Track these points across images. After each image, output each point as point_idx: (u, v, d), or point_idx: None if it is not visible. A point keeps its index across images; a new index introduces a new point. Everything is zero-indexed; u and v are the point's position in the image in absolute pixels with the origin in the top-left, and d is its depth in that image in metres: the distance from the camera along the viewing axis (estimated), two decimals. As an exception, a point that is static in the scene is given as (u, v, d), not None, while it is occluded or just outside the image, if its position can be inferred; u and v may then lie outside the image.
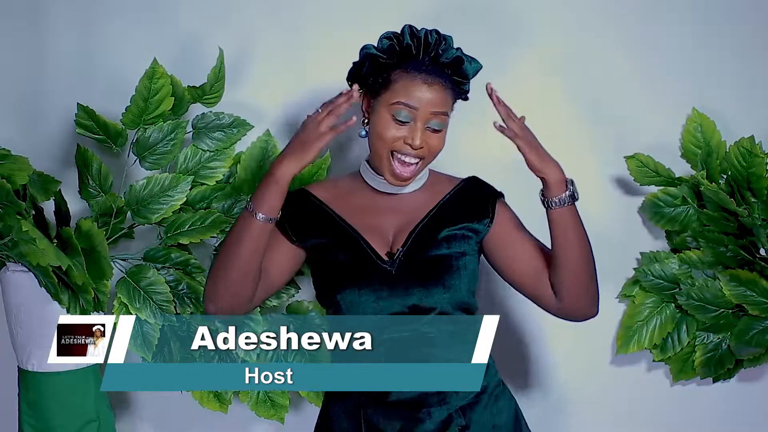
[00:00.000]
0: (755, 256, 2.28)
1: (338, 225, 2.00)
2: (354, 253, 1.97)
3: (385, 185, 2.01)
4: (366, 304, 1.96)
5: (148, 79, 2.24)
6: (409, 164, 1.95)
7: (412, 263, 1.96)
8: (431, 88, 1.93)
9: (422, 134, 1.93)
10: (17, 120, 2.44)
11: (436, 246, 1.97)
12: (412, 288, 1.95)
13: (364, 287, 1.96)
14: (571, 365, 2.44)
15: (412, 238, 1.98)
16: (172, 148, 2.30)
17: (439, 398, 1.96)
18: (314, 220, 2.02)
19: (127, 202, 2.28)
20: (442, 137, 1.96)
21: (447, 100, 1.95)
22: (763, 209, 2.27)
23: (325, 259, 2.00)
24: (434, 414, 1.96)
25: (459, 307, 1.98)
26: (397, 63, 1.95)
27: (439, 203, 2.02)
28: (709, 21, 2.39)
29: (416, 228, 1.99)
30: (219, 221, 2.29)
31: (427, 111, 1.92)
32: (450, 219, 2.00)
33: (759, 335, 2.29)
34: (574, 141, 2.40)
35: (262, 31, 2.41)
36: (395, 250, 1.98)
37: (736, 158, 2.28)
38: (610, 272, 2.41)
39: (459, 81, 1.97)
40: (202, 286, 2.28)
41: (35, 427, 2.23)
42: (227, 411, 2.37)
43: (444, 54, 1.95)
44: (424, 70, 1.94)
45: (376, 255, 1.97)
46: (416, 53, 1.94)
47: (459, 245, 1.99)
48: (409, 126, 1.93)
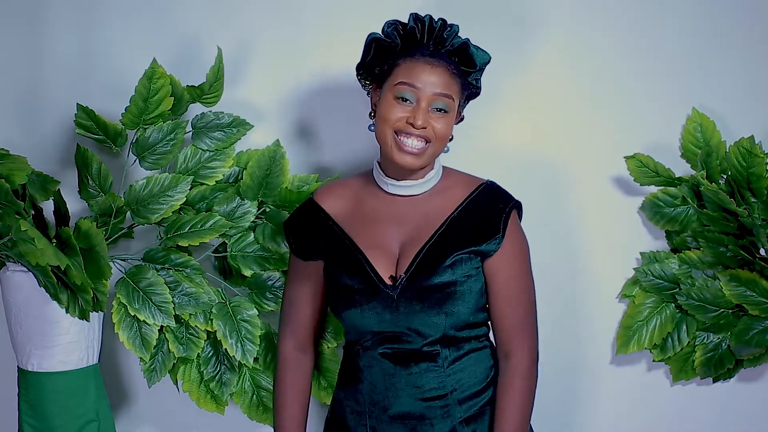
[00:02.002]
0: (755, 256, 2.28)
1: (343, 245, 2.01)
2: (358, 276, 1.98)
3: (395, 187, 2.00)
4: (369, 323, 1.97)
5: (147, 79, 2.24)
6: (418, 145, 1.93)
7: (415, 289, 1.95)
8: (435, 69, 1.93)
9: (425, 115, 1.92)
10: (17, 120, 2.45)
11: (440, 273, 1.95)
12: (411, 315, 1.95)
13: (366, 309, 1.97)
14: (571, 365, 2.44)
15: (416, 264, 1.96)
16: (171, 148, 2.30)
17: (442, 411, 1.96)
18: (320, 237, 2.04)
19: (127, 202, 2.28)
20: (447, 121, 1.94)
21: (452, 83, 1.94)
22: (763, 209, 2.27)
23: (329, 277, 2.02)
24: (437, 426, 1.96)
25: (461, 328, 1.98)
26: (402, 49, 1.95)
27: (449, 217, 1.99)
28: (709, 21, 2.39)
29: (422, 250, 1.96)
30: (219, 225, 2.28)
31: (430, 91, 1.92)
32: (458, 241, 1.97)
33: (759, 335, 2.28)
34: (574, 141, 2.40)
35: (261, 30, 2.41)
36: (398, 275, 1.97)
37: (736, 158, 2.27)
38: (610, 272, 2.41)
39: (467, 71, 1.96)
40: (201, 287, 2.28)
41: (35, 427, 2.23)
42: (224, 412, 2.37)
43: (449, 39, 1.95)
44: (428, 54, 1.94)
45: (378, 279, 1.97)
46: (420, 38, 1.95)
47: (464, 269, 1.96)
48: (413, 107, 1.93)
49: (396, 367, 1.98)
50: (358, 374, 2.03)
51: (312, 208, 2.08)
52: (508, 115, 2.40)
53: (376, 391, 2.00)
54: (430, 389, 1.97)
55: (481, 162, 2.24)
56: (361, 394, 2.02)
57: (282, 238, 2.29)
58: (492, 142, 2.40)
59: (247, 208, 2.31)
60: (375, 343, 1.99)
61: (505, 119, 2.41)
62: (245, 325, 2.29)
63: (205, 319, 2.29)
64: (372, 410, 2.00)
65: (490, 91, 2.36)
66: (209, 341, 2.33)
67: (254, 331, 2.29)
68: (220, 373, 2.34)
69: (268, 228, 2.31)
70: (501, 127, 2.41)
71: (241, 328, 2.29)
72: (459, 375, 1.99)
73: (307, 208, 2.09)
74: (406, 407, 1.97)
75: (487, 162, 2.30)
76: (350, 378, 2.06)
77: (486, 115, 2.37)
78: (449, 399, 1.97)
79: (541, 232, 2.21)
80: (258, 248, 2.32)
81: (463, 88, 1.97)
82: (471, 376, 1.99)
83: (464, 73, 1.97)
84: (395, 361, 1.98)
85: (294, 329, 2.13)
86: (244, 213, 2.31)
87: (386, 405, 1.99)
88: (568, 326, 2.41)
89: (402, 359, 1.98)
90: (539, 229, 2.17)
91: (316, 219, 2.06)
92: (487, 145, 2.39)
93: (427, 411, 1.97)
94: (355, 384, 2.04)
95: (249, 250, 2.32)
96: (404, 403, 1.98)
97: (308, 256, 2.06)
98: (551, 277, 2.34)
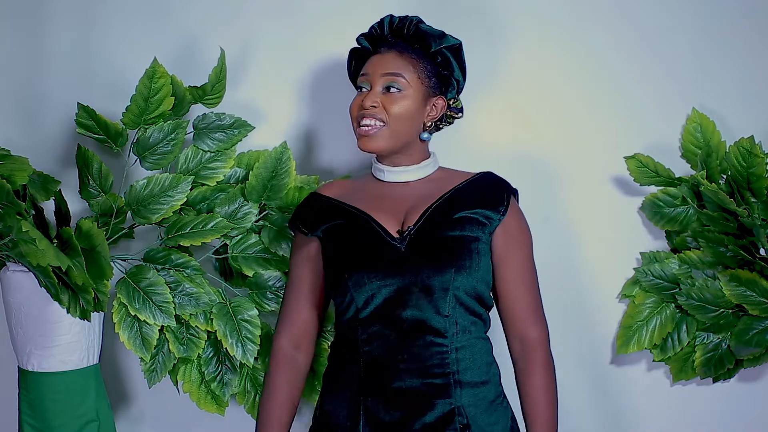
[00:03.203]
0: (755, 256, 2.28)
1: (348, 210, 2.04)
2: (363, 232, 1.99)
3: (391, 173, 2.05)
4: (373, 283, 1.95)
5: (148, 79, 2.24)
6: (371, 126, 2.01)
7: (424, 242, 1.96)
8: (384, 54, 2.04)
9: (374, 96, 2.01)
10: (17, 120, 2.44)
11: (449, 226, 1.97)
12: (422, 267, 1.94)
13: (372, 266, 1.96)
14: (571, 365, 2.44)
15: (425, 217, 1.98)
16: (172, 148, 2.29)
17: (444, 391, 1.95)
18: (324, 211, 2.07)
19: (128, 202, 2.28)
20: (401, 101, 2.00)
21: (404, 64, 2.01)
22: (763, 209, 2.27)
23: (334, 242, 2.02)
24: (437, 407, 1.95)
25: (473, 294, 1.97)
26: (373, 51, 2.07)
27: (453, 189, 2.04)
28: (709, 21, 2.39)
29: (430, 207, 2.00)
30: (220, 226, 2.28)
31: (378, 73, 2.02)
32: (465, 202, 2.01)
33: (759, 335, 2.29)
34: (574, 141, 2.40)
35: (263, 31, 2.41)
36: (406, 228, 1.98)
37: (736, 158, 2.28)
38: (610, 272, 2.41)
39: (427, 50, 2.02)
40: (202, 288, 2.28)
41: (35, 427, 2.23)
42: (224, 413, 2.37)
43: (405, 27, 2.04)
44: (385, 45, 2.05)
45: (385, 232, 1.98)
46: (380, 33, 2.05)
47: (473, 230, 1.98)
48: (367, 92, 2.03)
49: (398, 339, 1.94)
50: (356, 356, 1.98)
51: (312, 198, 2.13)
52: (507, 115, 2.41)
53: (375, 367, 1.96)
54: (432, 365, 1.95)
55: (482, 162, 2.24)
56: (358, 376, 1.97)
57: (286, 241, 2.29)
58: (492, 142, 2.40)
59: (249, 209, 2.31)
60: (378, 311, 1.95)
61: (505, 119, 2.41)
62: (246, 325, 2.29)
63: (206, 320, 2.29)
64: (370, 390, 1.96)
65: (490, 91, 2.37)
66: (210, 341, 2.33)
67: (255, 331, 2.29)
68: (221, 373, 2.34)
69: (272, 231, 2.31)
70: (501, 127, 2.41)
71: (241, 328, 2.29)
72: (462, 354, 1.96)
73: (308, 199, 2.14)
74: (407, 383, 1.94)
75: (487, 162, 2.29)
76: (344, 363, 2.01)
77: (486, 115, 2.37)
78: (450, 379, 1.95)
79: (542, 232, 2.20)
80: (259, 249, 2.32)
81: (429, 70, 2.03)
82: (473, 363, 1.98)
83: (426, 54, 2.03)
84: (397, 331, 1.95)
85: (290, 324, 2.11)
86: (246, 214, 2.31)
87: (385, 382, 1.95)
88: (568, 326, 2.41)
89: (405, 330, 1.94)
90: (539, 228, 2.17)
91: (318, 202, 2.11)
92: (487, 145, 2.39)
93: (428, 389, 1.94)
94: (350, 367, 1.99)
95: (250, 251, 2.32)
96: (404, 380, 1.94)
97: (312, 227, 2.06)
98: (551, 276, 2.34)
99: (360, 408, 1.97)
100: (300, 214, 2.12)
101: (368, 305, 1.97)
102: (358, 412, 1.97)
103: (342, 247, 2.01)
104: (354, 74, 2.14)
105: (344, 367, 2.02)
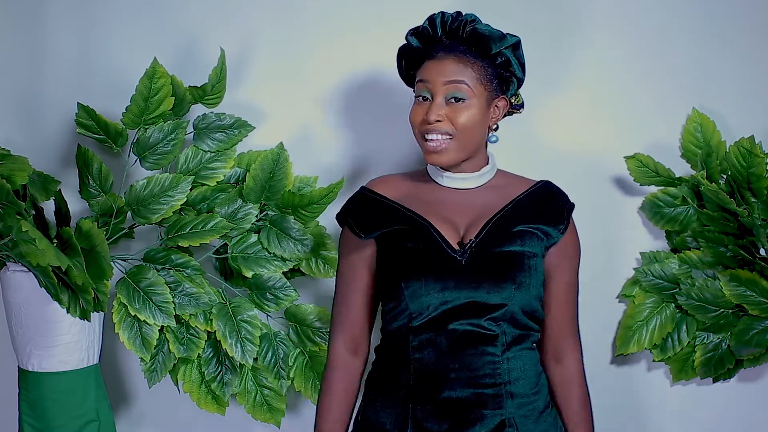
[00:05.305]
0: (755, 256, 2.28)
1: (407, 215, 1.97)
2: (423, 241, 1.93)
3: (450, 179, 1.99)
4: (430, 295, 1.91)
5: (148, 79, 2.24)
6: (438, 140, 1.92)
7: (484, 256, 1.91)
8: (442, 60, 1.93)
9: (438, 108, 1.92)
10: (17, 120, 2.44)
11: (510, 241, 1.93)
12: (482, 282, 1.90)
13: (430, 277, 1.90)
14: (571, 365, 2.44)
15: (486, 230, 1.93)
16: (172, 148, 2.29)
17: (494, 402, 1.91)
18: (381, 214, 1.99)
19: (128, 202, 2.28)
20: (466, 111, 1.92)
21: (463, 70, 1.92)
22: (763, 209, 2.27)
23: (392, 248, 1.96)
24: (487, 418, 1.90)
25: (526, 311, 1.94)
26: (426, 51, 1.96)
27: (513, 201, 1.99)
28: (709, 21, 2.39)
29: (491, 220, 1.95)
30: (221, 226, 2.28)
31: (440, 81, 1.92)
32: (525, 216, 1.97)
33: (759, 335, 2.29)
34: (574, 141, 2.40)
35: (263, 31, 2.41)
36: (467, 240, 1.94)
37: (736, 158, 2.28)
38: (610, 272, 2.41)
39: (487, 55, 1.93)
40: (202, 288, 2.28)
41: (35, 427, 2.23)
42: (224, 413, 2.37)
43: (461, 29, 1.94)
44: (442, 49, 1.94)
45: (446, 243, 1.92)
46: (433, 35, 1.95)
47: (532, 245, 1.94)
48: (430, 103, 1.93)
49: (451, 347, 1.90)
50: (406, 363, 1.93)
51: (365, 194, 2.03)
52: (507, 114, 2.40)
53: (425, 375, 1.91)
54: (483, 375, 1.91)
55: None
56: (407, 384, 1.93)
57: (286, 241, 2.29)
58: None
59: (249, 209, 2.31)
60: (432, 320, 1.91)
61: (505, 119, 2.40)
62: (245, 326, 2.29)
63: (206, 320, 2.29)
64: (419, 398, 1.92)
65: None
66: (210, 342, 2.33)
67: (254, 331, 2.29)
68: (221, 373, 2.34)
69: (272, 232, 2.31)
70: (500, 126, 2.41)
71: (241, 329, 2.29)
72: (513, 365, 1.93)
73: (360, 196, 2.04)
74: (457, 393, 1.90)
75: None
76: (392, 370, 1.96)
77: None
78: (502, 390, 1.92)
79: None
80: (259, 250, 2.32)
81: (490, 73, 1.95)
82: (524, 373, 1.94)
83: (486, 57, 1.95)
84: (450, 340, 1.90)
85: (345, 328, 2.03)
86: (246, 215, 2.31)
87: (435, 391, 1.90)
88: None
89: (458, 339, 1.90)
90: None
91: (372, 201, 2.01)
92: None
93: (478, 399, 1.90)
94: (399, 374, 1.94)
95: (250, 251, 2.32)
96: (455, 389, 1.90)
97: (368, 230, 1.98)
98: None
99: (408, 416, 1.93)
100: (353, 213, 2.02)
101: (422, 315, 1.92)
102: (406, 420, 1.93)
103: (401, 253, 1.94)
104: (405, 74, 2.04)
105: (392, 374, 1.97)
